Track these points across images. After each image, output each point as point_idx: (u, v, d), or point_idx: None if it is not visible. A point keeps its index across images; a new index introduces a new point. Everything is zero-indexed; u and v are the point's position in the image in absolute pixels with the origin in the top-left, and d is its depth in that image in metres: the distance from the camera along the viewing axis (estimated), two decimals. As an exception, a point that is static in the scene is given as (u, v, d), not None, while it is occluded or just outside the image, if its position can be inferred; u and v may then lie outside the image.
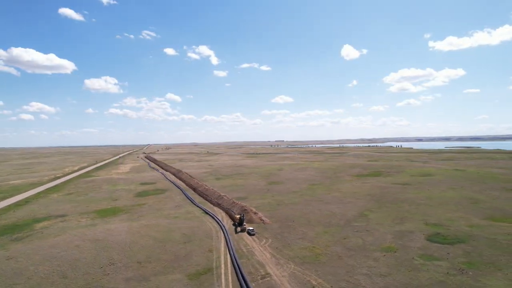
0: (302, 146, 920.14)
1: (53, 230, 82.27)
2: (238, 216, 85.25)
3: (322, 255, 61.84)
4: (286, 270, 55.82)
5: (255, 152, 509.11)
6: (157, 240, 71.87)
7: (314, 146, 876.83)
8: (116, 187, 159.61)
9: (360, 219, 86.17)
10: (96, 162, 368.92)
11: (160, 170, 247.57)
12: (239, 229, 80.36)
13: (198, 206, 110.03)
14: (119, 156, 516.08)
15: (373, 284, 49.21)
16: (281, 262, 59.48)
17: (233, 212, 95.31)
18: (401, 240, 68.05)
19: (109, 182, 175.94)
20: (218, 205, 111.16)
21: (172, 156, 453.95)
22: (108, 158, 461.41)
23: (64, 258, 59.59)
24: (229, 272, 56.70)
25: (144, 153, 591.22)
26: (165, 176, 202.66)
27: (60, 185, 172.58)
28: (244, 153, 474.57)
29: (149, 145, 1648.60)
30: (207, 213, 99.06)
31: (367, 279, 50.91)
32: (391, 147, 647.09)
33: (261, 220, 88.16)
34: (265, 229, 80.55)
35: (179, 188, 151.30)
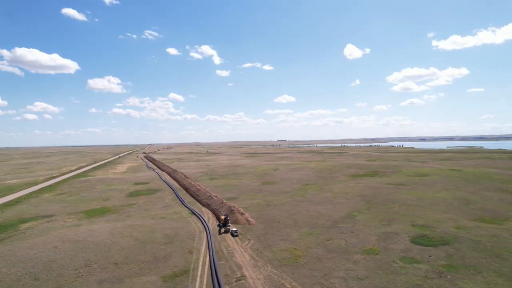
0: (303, 146, 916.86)
1: (36, 231, 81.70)
2: (223, 217, 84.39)
3: (302, 257, 60.73)
4: (263, 273, 54.79)
5: (255, 152, 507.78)
6: (139, 241, 71.04)
7: (315, 146, 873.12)
8: (110, 187, 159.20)
9: (347, 220, 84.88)
10: (95, 162, 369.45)
11: (157, 170, 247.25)
12: (223, 230, 79.55)
13: (187, 207, 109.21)
14: (119, 156, 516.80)
15: (348, 288, 48.06)
16: (259, 264, 58.47)
17: (220, 213, 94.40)
18: (385, 242, 66.76)
19: (103, 182, 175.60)
20: (207, 206, 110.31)
21: (171, 156, 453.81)
22: (108, 158, 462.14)
23: (40, 260, 58.84)
24: (205, 274, 55.81)
25: (145, 153, 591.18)
26: (160, 176, 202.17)
27: (54, 185, 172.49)
28: (243, 153, 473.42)
29: (152, 145, 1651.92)
30: (194, 214, 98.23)
31: (343, 283, 49.75)
32: (392, 147, 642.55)
33: (247, 221, 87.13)
34: (250, 230, 79.56)
35: (172, 188, 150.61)
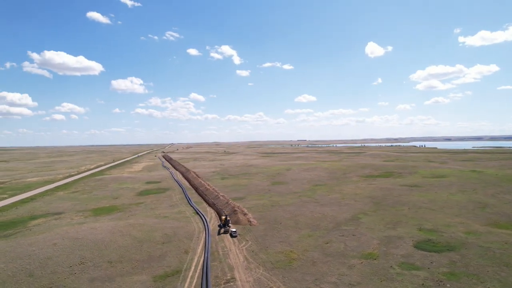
0: (322, 146, 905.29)
1: (42, 228, 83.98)
2: (223, 217, 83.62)
3: (296, 260, 58.91)
4: (253, 275, 53.47)
5: (271, 152, 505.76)
6: (136, 240, 71.39)
7: (335, 146, 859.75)
8: (122, 186, 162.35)
9: (351, 223, 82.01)
10: (113, 161, 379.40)
11: (171, 169, 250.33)
12: (222, 231, 78.81)
13: (192, 206, 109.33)
14: (138, 155, 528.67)
15: (338, 294, 45.93)
16: (252, 267, 57.16)
17: (223, 213, 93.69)
18: (386, 247, 63.75)
19: (117, 181, 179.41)
20: (213, 205, 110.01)
21: (188, 156, 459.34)
22: (127, 157, 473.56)
23: (37, 256, 60.09)
24: (196, 275, 55.13)
25: (163, 152, 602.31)
26: (173, 175, 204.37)
27: (70, 183, 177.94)
28: (259, 153, 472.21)
29: (172, 144, 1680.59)
30: (198, 213, 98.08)
31: (333, 288, 47.61)
32: (413, 147, 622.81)
33: (249, 222, 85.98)
34: (249, 231, 78.36)
35: (181, 188, 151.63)
